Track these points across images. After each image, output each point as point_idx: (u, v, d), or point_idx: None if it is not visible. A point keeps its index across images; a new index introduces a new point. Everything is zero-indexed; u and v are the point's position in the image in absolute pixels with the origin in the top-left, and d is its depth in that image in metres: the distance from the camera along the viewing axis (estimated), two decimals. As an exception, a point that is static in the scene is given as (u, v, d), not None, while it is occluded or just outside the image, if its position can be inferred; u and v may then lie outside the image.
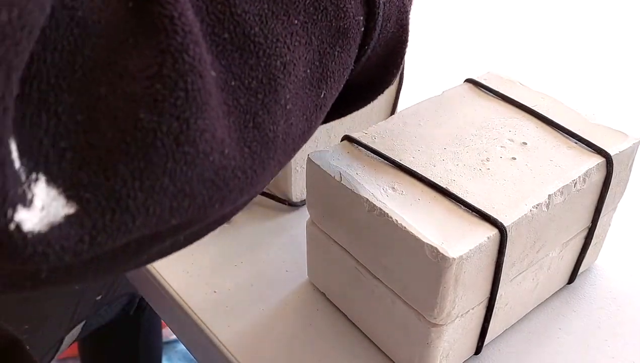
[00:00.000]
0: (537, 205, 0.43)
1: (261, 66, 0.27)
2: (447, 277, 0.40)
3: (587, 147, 0.48)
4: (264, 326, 0.51)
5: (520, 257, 0.45)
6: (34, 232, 0.21)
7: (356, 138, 0.48)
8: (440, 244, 0.40)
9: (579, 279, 0.55)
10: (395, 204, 0.43)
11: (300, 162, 0.59)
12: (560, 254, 0.50)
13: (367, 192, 0.44)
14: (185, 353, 1.45)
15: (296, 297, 0.54)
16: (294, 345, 0.50)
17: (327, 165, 0.46)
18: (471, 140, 0.49)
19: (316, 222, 0.50)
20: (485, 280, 0.43)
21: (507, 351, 0.50)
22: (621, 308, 0.53)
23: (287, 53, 0.28)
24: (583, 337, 0.51)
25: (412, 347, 0.45)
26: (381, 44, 0.37)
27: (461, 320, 0.44)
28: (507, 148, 0.48)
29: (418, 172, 0.45)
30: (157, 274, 0.56)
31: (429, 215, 0.42)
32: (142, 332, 1.05)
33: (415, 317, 0.44)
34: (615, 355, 0.49)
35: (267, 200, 0.62)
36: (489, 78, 0.56)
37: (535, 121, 0.51)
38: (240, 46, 0.26)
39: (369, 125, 0.51)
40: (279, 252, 0.58)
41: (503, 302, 0.47)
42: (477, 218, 0.42)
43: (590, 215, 0.50)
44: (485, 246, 0.41)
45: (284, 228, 0.60)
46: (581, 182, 0.46)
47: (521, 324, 0.52)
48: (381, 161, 0.47)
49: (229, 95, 0.26)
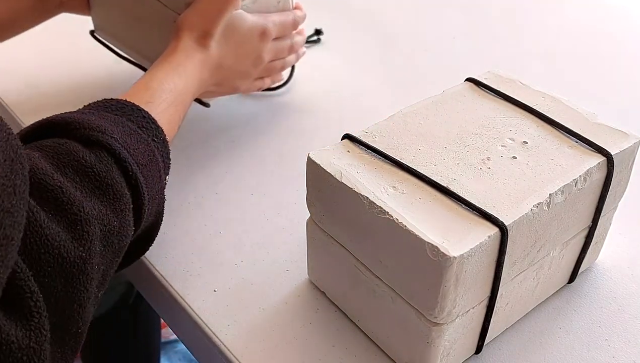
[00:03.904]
0: (537, 204, 0.43)
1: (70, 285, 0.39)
2: (448, 276, 0.40)
3: (588, 147, 0.48)
4: (264, 326, 0.51)
5: (521, 256, 0.45)
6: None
7: (357, 137, 0.48)
8: (441, 243, 0.40)
9: (579, 278, 0.55)
10: (396, 203, 0.43)
11: None
12: (560, 253, 0.50)
13: (368, 191, 0.44)
14: (185, 353, 1.45)
15: (296, 297, 0.54)
16: (294, 345, 0.50)
17: (328, 164, 0.46)
18: (472, 140, 0.49)
19: (316, 221, 0.50)
20: (486, 279, 0.43)
21: (508, 350, 0.50)
22: (622, 307, 0.53)
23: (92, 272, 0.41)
24: (584, 336, 0.51)
25: (413, 346, 0.45)
26: (144, 227, 0.51)
27: (462, 319, 0.44)
28: (508, 147, 0.48)
29: (419, 171, 0.45)
30: (158, 274, 0.56)
31: (430, 214, 0.42)
32: (141, 321, 1.05)
33: (416, 316, 0.44)
34: (616, 355, 0.49)
35: (267, 200, 0.62)
36: (489, 77, 0.56)
37: (535, 120, 0.51)
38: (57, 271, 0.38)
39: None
40: (278, 251, 0.58)
41: (504, 301, 0.47)
42: (478, 217, 0.42)
43: (590, 214, 0.50)
44: (486, 245, 0.41)
45: (284, 228, 0.60)
46: (582, 181, 0.46)
47: (522, 323, 0.52)
48: (382, 160, 0.47)
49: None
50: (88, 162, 0.44)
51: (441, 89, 0.55)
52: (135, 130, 0.50)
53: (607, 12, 1.01)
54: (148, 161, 0.49)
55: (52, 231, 0.39)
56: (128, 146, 0.47)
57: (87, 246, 0.41)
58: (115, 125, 0.49)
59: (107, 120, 0.49)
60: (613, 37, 0.94)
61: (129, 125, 0.50)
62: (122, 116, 0.50)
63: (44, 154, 0.44)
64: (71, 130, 0.46)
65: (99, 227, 0.42)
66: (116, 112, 0.51)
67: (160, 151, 0.52)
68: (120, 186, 0.45)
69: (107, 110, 0.51)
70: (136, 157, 0.48)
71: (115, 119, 0.50)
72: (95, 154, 0.45)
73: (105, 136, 0.46)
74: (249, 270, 0.56)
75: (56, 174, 0.42)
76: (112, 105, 0.51)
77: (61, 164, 0.43)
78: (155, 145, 0.51)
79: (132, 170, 0.47)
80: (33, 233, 0.38)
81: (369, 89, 0.79)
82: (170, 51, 0.61)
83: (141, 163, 0.48)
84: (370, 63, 0.70)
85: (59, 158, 0.44)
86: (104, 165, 0.45)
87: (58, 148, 0.45)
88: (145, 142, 0.50)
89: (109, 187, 0.44)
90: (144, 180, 0.48)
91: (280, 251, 0.58)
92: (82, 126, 0.46)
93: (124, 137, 0.48)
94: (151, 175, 0.49)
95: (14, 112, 0.74)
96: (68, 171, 0.43)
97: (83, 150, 0.45)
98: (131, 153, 0.47)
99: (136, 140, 0.49)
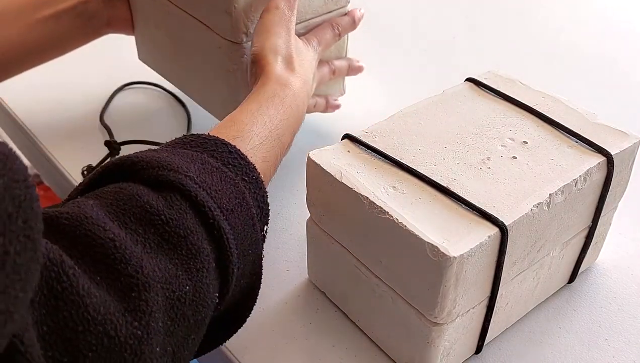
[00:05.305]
0: (537, 204, 0.43)
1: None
2: (448, 276, 0.40)
3: (588, 146, 0.48)
4: (264, 326, 0.51)
5: (521, 256, 0.45)
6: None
7: (357, 137, 0.48)
8: (441, 243, 0.40)
9: (579, 278, 0.55)
10: (396, 203, 0.43)
11: None
12: (560, 253, 0.50)
13: (368, 191, 0.44)
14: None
15: (296, 297, 0.54)
16: (294, 345, 0.50)
17: (328, 163, 0.46)
18: (472, 139, 0.49)
19: (316, 221, 0.50)
20: (486, 279, 0.43)
21: (508, 350, 0.50)
22: (622, 307, 0.53)
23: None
24: (584, 336, 0.51)
25: (413, 346, 0.45)
26: (235, 294, 0.41)
27: (462, 319, 0.44)
28: (508, 147, 0.48)
29: (419, 171, 0.45)
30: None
31: (430, 214, 0.42)
32: None
33: (416, 316, 0.44)
34: (616, 355, 0.49)
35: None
36: (489, 77, 0.56)
37: (535, 120, 0.51)
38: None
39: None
40: (279, 251, 0.58)
41: (504, 301, 0.47)
42: (478, 217, 0.42)
43: (590, 214, 0.50)
44: (486, 245, 0.41)
45: (284, 228, 0.60)
46: (582, 181, 0.46)
47: (522, 323, 0.52)
48: (382, 160, 0.47)
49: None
50: (154, 208, 0.35)
51: (441, 89, 0.55)
52: (218, 168, 0.40)
53: (607, 12, 1.01)
54: (236, 205, 0.39)
55: (94, 300, 0.30)
56: (208, 186, 0.38)
57: (145, 320, 0.32)
58: (193, 162, 0.39)
59: (182, 157, 0.40)
60: (613, 37, 0.94)
61: (211, 162, 0.40)
62: (203, 152, 0.41)
63: (102, 202, 0.36)
64: (137, 171, 0.38)
65: (164, 293, 0.34)
66: (195, 148, 0.41)
67: (253, 193, 0.42)
68: (197, 238, 0.36)
69: (184, 146, 0.42)
70: (219, 200, 0.38)
71: (193, 155, 0.40)
72: (165, 197, 0.36)
73: (178, 175, 0.37)
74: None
75: (111, 223, 0.34)
76: (190, 141, 0.42)
77: (120, 211, 0.35)
78: (245, 186, 0.41)
79: (214, 217, 0.37)
80: (67, 303, 0.30)
81: (369, 89, 0.79)
82: (261, 84, 0.51)
83: (226, 208, 0.38)
84: (370, 63, 0.70)
85: (118, 205, 0.35)
86: (176, 211, 0.36)
87: (119, 193, 0.36)
88: (232, 182, 0.40)
89: (181, 239, 0.35)
90: (230, 230, 0.38)
91: (280, 251, 0.58)
92: (150, 165, 0.38)
93: (202, 176, 0.38)
94: (241, 224, 0.39)
95: (13, 111, 0.74)
96: (128, 220, 0.35)
97: (149, 194, 0.36)
98: (212, 195, 0.38)
99: (219, 179, 0.39)
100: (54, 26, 0.64)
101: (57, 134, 0.71)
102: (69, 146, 0.69)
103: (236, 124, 0.46)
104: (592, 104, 0.54)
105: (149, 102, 0.76)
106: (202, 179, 0.38)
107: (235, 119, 0.47)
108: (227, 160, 0.41)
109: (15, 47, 0.63)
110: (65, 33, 0.65)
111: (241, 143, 0.44)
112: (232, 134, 0.45)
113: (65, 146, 0.69)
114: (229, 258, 0.38)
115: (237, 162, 0.42)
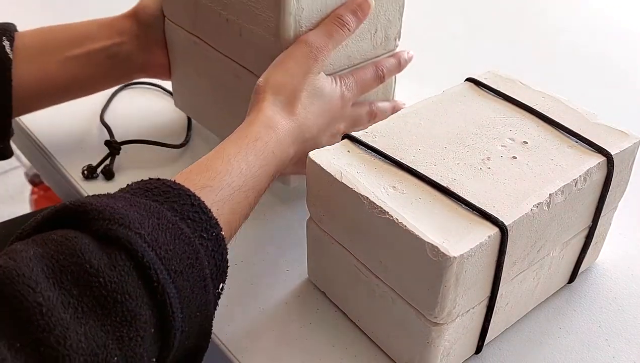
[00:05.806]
0: (537, 204, 0.43)
1: None
2: (448, 276, 0.40)
3: (588, 146, 0.48)
4: (264, 326, 0.51)
5: (521, 256, 0.45)
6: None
7: (357, 137, 0.48)
8: (441, 243, 0.40)
9: (579, 279, 0.55)
10: (396, 203, 0.43)
11: None
12: (560, 253, 0.50)
13: (368, 191, 0.44)
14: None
15: (296, 297, 0.54)
16: (294, 345, 0.50)
17: (328, 164, 0.46)
18: (472, 140, 0.49)
19: (316, 221, 0.50)
20: (486, 279, 0.43)
21: (508, 350, 0.50)
22: (622, 307, 0.53)
23: None
24: (584, 336, 0.51)
25: (413, 346, 0.45)
26: (179, 354, 0.40)
27: (462, 319, 0.44)
28: (508, 147, 0.48)
29: (419, 171, 0.45)
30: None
31: (430, 214, 0.42)
32: None
33: (416, 316, 0.44)
34: (616, 355, 0.49)
35: (267, 199, 0.62)
36: (489, 77, 0.56)
37: (535, 120, 0.51)
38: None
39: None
40: (278, 251, 0.58)
41: (504, 301, 0.47)
42: (478, 217, 0.42)
43: (590, 214, 0.50)
44: (486, 245, 0.41)
45: (284, 228, 0.60)
46: (582, 181, 0.46)
47: (522, 323, 0.52)
48: (382, 160, 0.47)
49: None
50: (94, 268, 0.34)
51: (441, 89, 0.55)
52: (175, 223, 0.38)
53: (607, 12, 1.01)
54: (187, 266, 0.38)
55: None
56: (159, 246, 0.37)
57: None
58: (148, 217, 0.38)
59: (138, 209, 0.38)
60: (613, 37, 0.94)
61: (168, 217, 0.39)
62: (163, 204, 0.39)
63: (43, 252, 0.34)
64: (89, 220, 0.36)
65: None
66: (156, 197, 0.40)
67: (211, 251, 0.40)
68: (136, 303, 0.34)
69: (145, 194, 0.40)
70: (168, 261, 0.37)
71: (151, 207, 0.39)
72: (109, 255, 0.35)
73: (128, 231, 0.36)
74: (248, 270, 0.56)
75: (45, 282, 0.33)
76: (153, 189, 0.40)
77: (59, 267, 0.34)
78: (202, 244, 0.39)
79: (159, 280, 0.36)
80: None
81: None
82: (248, 121, 0.49)
83: (175, 269, 0.37)
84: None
85: (58, 259, 0.34)
86: (117, 273, 0.34)
87: (63, 244, 0.35)
88: (187, 241, 0.38)
89: (117, 304, 0.34)
90: (176, 294, 0.37)
91: (280, 251, 0.58)
92: (102, 216, 0.36)
93: (155, 233, 0.37)
94: (190, 286, 0.38)
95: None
96: (65, 279, 0.33)
97: (93, 251, 0.35)
98: (162, 256, 0.36)
99: (173, 237, 0.38)
100: (84, 65, 0.62)
101: (57, 133, 0.71)
102: (69, 146, 0.69)
103: (209, 171, 0.44)
104: (592, 104, 0.54)
105: (149, 102, 0.76)
106: (153, 238, 0.37)
107: (210, 164, 0.45)
108: (187, 214, 0.40)
109: (40, 82, 0.61)
110: (94, 73, 0.63)
111: (209, 194, 0.43)
112: (201, 183, 0.43)
113: (65, 146, 0.69)
114: (171, 323, 0.37)
115: (198, 217, 0.40)
